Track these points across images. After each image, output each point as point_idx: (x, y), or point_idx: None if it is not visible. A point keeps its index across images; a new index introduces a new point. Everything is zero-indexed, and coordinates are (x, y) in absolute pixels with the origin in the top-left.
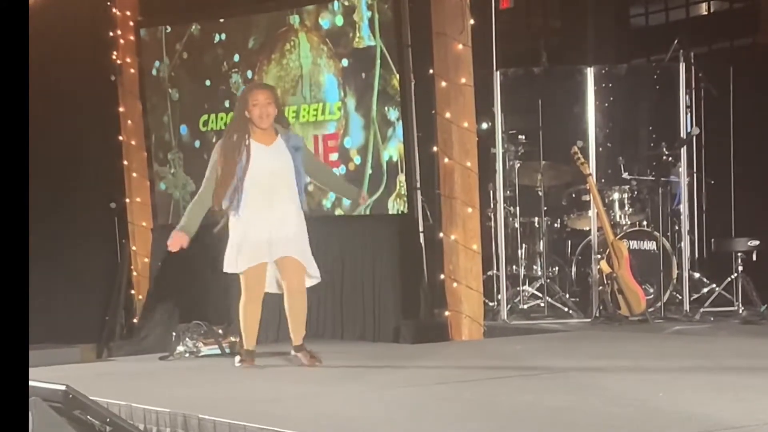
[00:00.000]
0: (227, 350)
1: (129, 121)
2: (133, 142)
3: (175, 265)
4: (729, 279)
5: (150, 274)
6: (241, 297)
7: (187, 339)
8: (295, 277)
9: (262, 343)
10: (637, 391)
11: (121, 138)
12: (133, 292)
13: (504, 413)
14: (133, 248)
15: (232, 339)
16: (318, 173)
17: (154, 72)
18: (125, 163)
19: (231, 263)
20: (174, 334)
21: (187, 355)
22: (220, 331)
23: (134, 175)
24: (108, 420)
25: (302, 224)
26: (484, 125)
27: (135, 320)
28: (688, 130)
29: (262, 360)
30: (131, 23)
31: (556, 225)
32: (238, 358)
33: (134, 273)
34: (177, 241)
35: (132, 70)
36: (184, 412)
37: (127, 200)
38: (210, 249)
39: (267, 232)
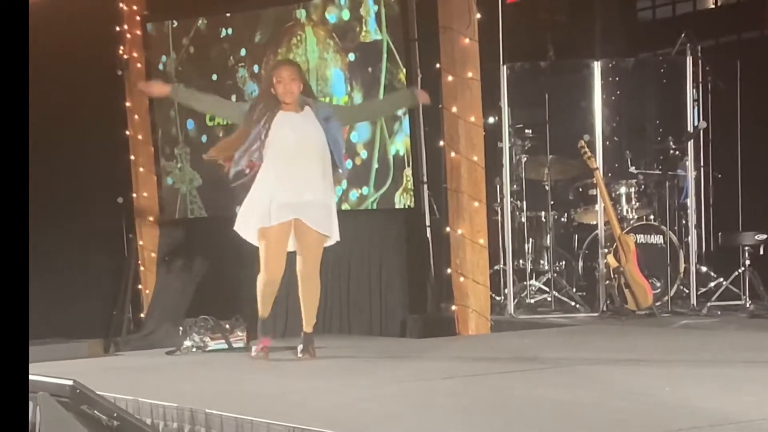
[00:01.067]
0: (234, 345)
1: (136, 116)
2: (139, 137)
3: (182, 259)
4: (736, 273)
5: (157, 269)
6: (261, 258)
7: (194, 334)
8: (309, 255)
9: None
10: (645, 385)
11: (127, 133)
12: (140, 286)
13: (511, 407)
14: (140, 243)
15: (239, 334)
16: (361, 113)
17: (160, 66)
18: (132, 157)
19: (245, 222)
20: (181, 328)
21: (194, 349)
22: (228, 326)
23: (141, 169)
24: (115, 415)
25: (328, 193)
26: (491, 119)
27: (142, 315)
28: (695, 124)
29: (271, 354)
30: (138, 18)
31: (563, 219)
32: (253, 348)
33: (141, 268)
34: (158, 88)
35: (139, 65)
36: (191, 407)
37: (134, 195)
38: (217, 244)
39: (291, 193)
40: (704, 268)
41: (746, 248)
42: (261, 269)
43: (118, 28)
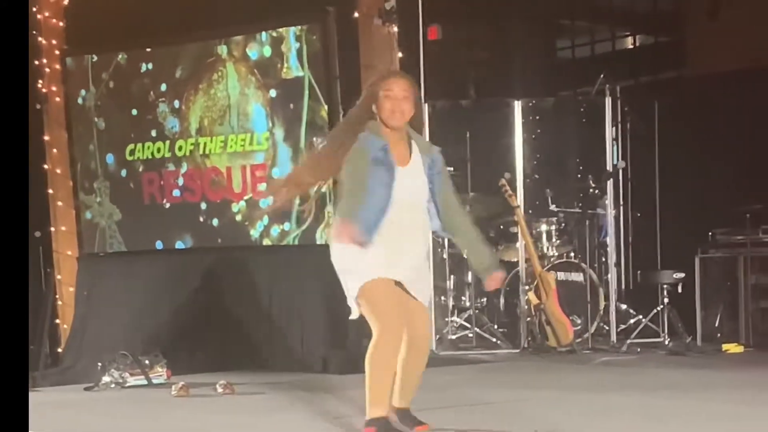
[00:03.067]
0: (154, 381)
1: (54, 150)
2: (58, 171)
3: (101, 294)
4: (655, 311)
5: (75, 303)
6: (375, 329)
7: (113, 369)
8: (422, 327)
9: (190, 372)
10: (567, 421)
11: (46, 166)
12: (58, 321)
13: None
14: (59, 277)
15: (159, 369)
16: (454, 220)
17: (80, 101)
18: (50, 191)
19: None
20: (100, 364)
21: (113, 385)
22: (147, 362)
23: (59, 203)
24: None
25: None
26: None
27: (60, 350)
28: (615, 163)
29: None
30: (57, 52)
31: None
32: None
33: (59, 302)
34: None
35: (58, 99)
36: None
37: (53, 229)
38: (136, 278)
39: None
40: (624, 306)
41: (665, 286)
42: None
43: (37, 62)
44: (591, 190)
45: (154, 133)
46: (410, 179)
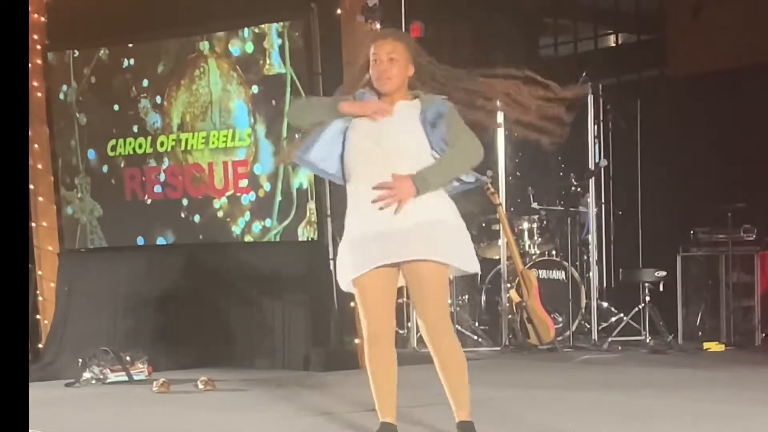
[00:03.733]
0: (135, 377)
1: (36, 145)
2: (39, 166)
3: (82, 290)
4: (636, 309)
5: (56, 299)
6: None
7: (94, 365)
8: (431, 315)
9: (171, 369)
10: (547, 420)
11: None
12: (38, 317)
13: None
14: (39, 273)
15: (140, 365)
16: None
17: (61, 96)
18: (31, 187)
19: (340, 273)
20: (81, 360)
21: (93, 381)
22: (128, 358)
23: (40, 199)
24: None
25: (436, 211)
26: None
27: (40, 345)
28: (597, 161)
29: (172, 386)
30: (38, 47)
31: None
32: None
33: (40, 298)
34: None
35: (39, 94)
36: None
37: (33, 224)
38: (118, 274)
39: (380, 224)
40: (605, 304)
41: (646, 284)
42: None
43: None
44: (573, 188)
45: (135, 129)
46: (389, 131)
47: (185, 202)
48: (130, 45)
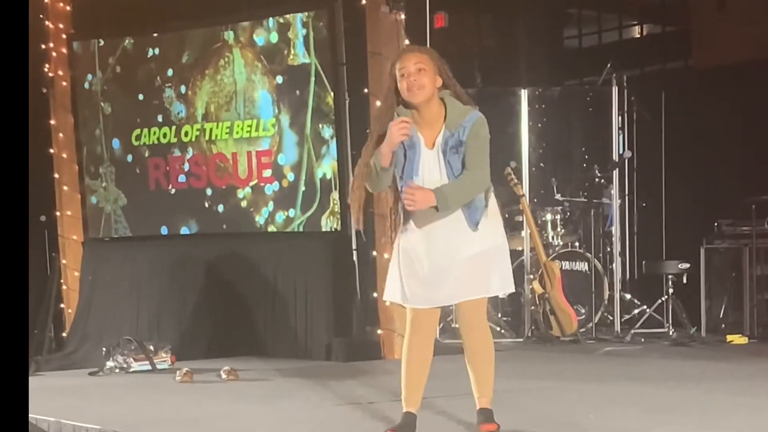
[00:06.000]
0: (158, 366)
1: (60, 134)
2: (64, 155)
3: (106, 279)
4: (659, 301)
5: (80, 288)
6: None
7: (117, 354)
8: (464, 315)
9: (195, 358)
10: (569, 412)
11: (52, 151)
12: (62, 306)
13: None
14: (63, 262)
15: (163, 355)
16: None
17: (86, 85)
18: (56, 176)
19: (390, 291)
20: (104, 349)
21: (117, 370)
22: (151, 347)
23: (65, 188)
24: None
25: (480, 241)
26: None
27: (64, 334)
28: (621, 152)
29: (195, 376)
30: (64, 36)
31: None
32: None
33: (64, 287)
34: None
35: (64, 83)
36: (114, 429)
37: (58, 213)
38: (142, 263)
39: (431, 267)
40: (628, 296)
41: (669, 277)
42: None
43: (44, 46)
44: (596, 180)
45: (160, 119)
46: (435, 163)
47: (209, 191)
48: (155, 34)
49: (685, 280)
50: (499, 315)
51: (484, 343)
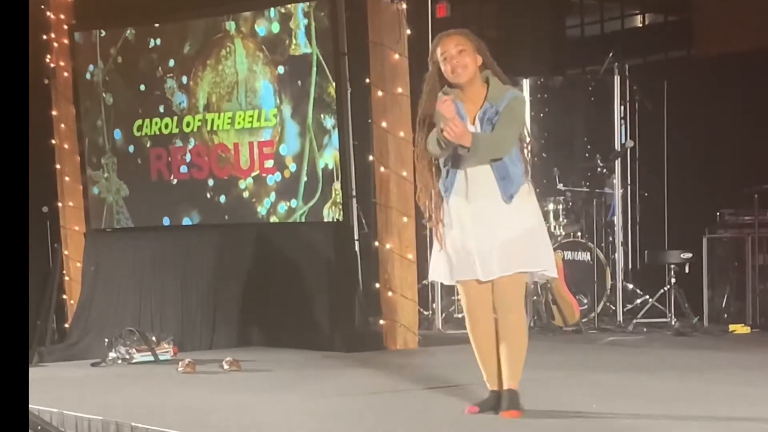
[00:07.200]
0: (161, 357)
1: (62, 125)
2: (66, 146)
3: (108, 269)
4: (662, 290)
5: (82, 279)
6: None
7: (120, 345)
8: (496, 302)
9: (197, 349)
10: (571, 402)
11: (53, 141)
12: (65, 296)
13: (438, 423)
14: (66, 252)
15: (166, 346)
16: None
17: (88, 76)
18: (58, 166)
19: (436, 271)
20: (106, 340)
21: (119, 361)
22: (154, 338)
23: (67, 179)
24: (39, 428)
25: (517, 220)
26: None
27: (67, 325)
28: (623, 142)
29: (198, 367)
30: (65, 26)
31: None
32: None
33: (66, 277)
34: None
35: (66, 74)
36: (116, 420)
37: (60, 204)
38: (144, 254)
39: (470, 242)
40: (630, 286)
41: (672, 266)
42: None
43: (45, 37)
44: (599, 169)
45: (161, 109)
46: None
47: (211, 182)
48: (157, 25)
49: (687, 270)
50: None
51: (520, 324)
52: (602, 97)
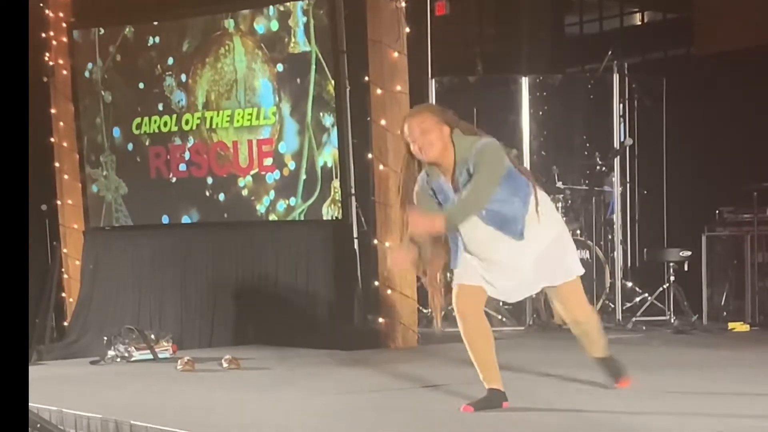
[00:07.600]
0: (160, 355)
1: (61, 123)
2: (65, 144)
3: (107, 267)
4: (661, 289)
5: (81, 277)
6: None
7: (119, 343)
8: (570, 305)
9: (196, 347)
10: (570, 399)
11: (52, 140)
12: (63, 294)
13: (438, 422)
14: (64, 250)
15: (165, 344)
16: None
17: (86, 74)
18: (57, 164)
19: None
20: (105, 338)
21: (118, 359)
22: (153, 336)
23: (66, 177)
24: (39, 426)
25: (545, 237)
26: None
27: (66, 323)
28: (622, 140)
29: (198, 365)
30: (64, 24)
31: None
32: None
33: (65, 275)
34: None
35: (65, 72)
36: (115, 418)
37: (59, 202)
38: (143, 252)
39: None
40: (629, 284)
41: (671, 264)
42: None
43: (44, 35)
44: (598, 168)
45: (160, 107)
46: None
47: (210, 180)
48: (156, 23)
49: (686, 268)
50: (501, 303)
51: (591, 315)
52: (601, 95)
